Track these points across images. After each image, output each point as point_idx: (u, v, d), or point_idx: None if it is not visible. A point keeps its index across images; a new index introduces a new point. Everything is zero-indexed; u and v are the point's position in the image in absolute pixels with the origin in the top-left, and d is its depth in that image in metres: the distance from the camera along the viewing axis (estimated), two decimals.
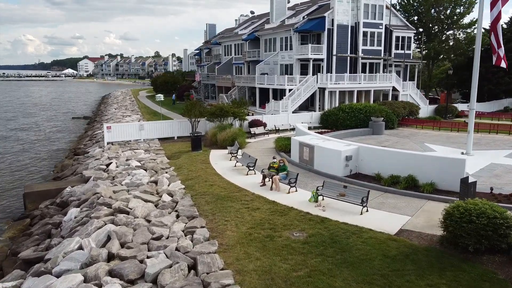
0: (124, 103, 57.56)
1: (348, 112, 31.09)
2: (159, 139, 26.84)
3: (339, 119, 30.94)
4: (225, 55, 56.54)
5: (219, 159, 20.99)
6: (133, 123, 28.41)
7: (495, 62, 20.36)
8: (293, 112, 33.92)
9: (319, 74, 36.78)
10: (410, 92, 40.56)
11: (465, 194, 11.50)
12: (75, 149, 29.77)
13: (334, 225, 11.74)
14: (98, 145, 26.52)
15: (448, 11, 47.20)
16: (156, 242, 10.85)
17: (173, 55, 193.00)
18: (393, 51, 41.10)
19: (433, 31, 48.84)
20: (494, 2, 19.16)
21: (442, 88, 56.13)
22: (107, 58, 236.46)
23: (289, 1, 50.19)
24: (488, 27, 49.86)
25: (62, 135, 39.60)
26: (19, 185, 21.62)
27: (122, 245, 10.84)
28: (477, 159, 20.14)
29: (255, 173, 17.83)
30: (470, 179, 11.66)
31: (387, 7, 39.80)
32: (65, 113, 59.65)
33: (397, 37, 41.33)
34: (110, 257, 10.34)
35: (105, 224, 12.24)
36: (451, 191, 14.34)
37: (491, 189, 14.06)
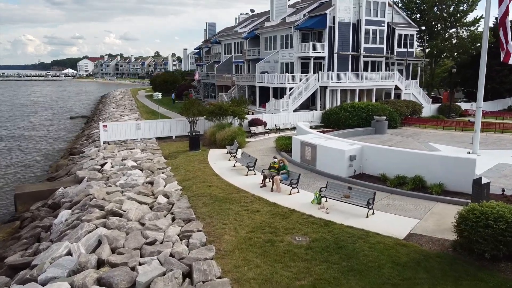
0: (122, 103, 56.89)
1: (350, 111, 30.46)
2: (157, 139, 26.20)
3: (341, 118, 30.30)
4: (224, 54, 55.85)
5: (218, 159, 20.32)
6: (129, 122, 27.75)
7: (503, 58, 19.65)
8: (294, 111, 33.25)
9: (320, 72, 36.10)
10: (412, 91, 39.86)
11: (478, 196, 10.83)
12: (71, 149, 29.12)
13: (338, 229, 11.07)
14: (94, 145, 25.87)
15: (451, 8, 46.47)
16: (149, 247, 10.18)
17: (173, 55, 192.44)
18: (396, 49, 40.34)
19: (436, 29, 48.09)
20: None
21: (444, 87, 55.42)
22: (106, 58, 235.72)
23: None
24: (492, 24, 49.27)
25: (59, 135, 38.96)
26: (11, 185, 20.95)
27: (113, 251, 10.18)
28: (484, 159, 19.43)
29: (255, 174, 17.16)
30: (483, 180, 10.98)
31: (389, 4, 39.09)
32: (63, 113, 58.99)
33: (400, 35, 40.60)
34: (100, 264, 9.67)
35: (96, 227, 11.58)
36: (461, 193, 13.68)
37: (503, 190, 13.38)
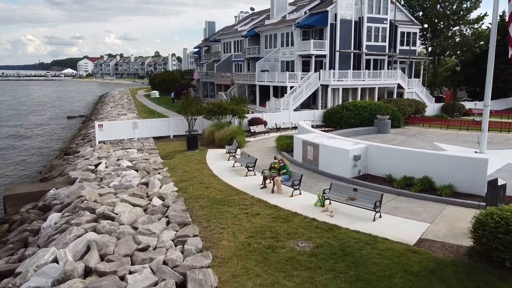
0: (120, 102, 56.20)
1: (352, 110, 29.77)
2: (154, 138, 25.50)
3: (343, 117, 29.62)
4: (224, 53, 55.13)
5: (216, 159, 19.61)
6: (126, 121, 27.04)
7: (511, 55, 19.00)
8: (295, 110, 32.54)
9: (321, 70, 35.35)
10: (415, 89, 39.16)
11: (494, 198, 10.12)
12: (66, 149, 28.42)
13: (344, 234, 10.36)
14: (89, 145, 25.17)
15: (454, 6, 45.73)
16: (141, 254, 9.47)
17: (173, 55, 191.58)
18: (398, 47, 39.65)
19: (439, 27, 47.37)
20: None
21: (447, 86, 54.71)
22: (106, 58, 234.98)
23: None
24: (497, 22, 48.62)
25: (55, 134, 38.25)
26: (2, 187, 20.23)
27: (102, 258, 9.48)
28: (492, 159, 18.60)
29: (255, 174, 16.44)
30: (499, 182, 10.27)
31: (391, 1, 38.34)
32: (61, 112, 58.28)
33: (402, 33, 39.90)
34: (87, 272, 8.97)
35: (86, 232, 10.88)
36: (472, 194, 12.99)
37: None
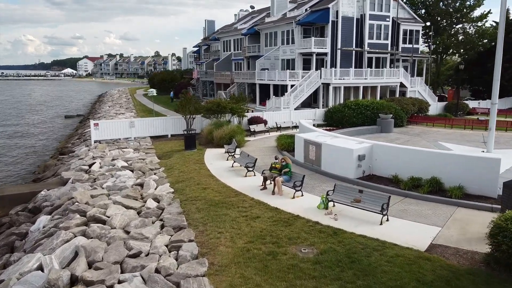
0: (119, 101, 55.57)
1: (354, 108, 29.09)
2: (152, 137, 24.84)
3: (345, 116, 28.94)
4: (224, 51, 54.46)
5: (215, 159, 18.94)
6: (123, 120, 26.36)
7: None
8: (295, 109, 31.88)
9: (322, 69, 34.68)
10: (418, 88, 38.47)
11: (510, 201, 9.46)
12: (62, 148, 27.77)
13: (350, 239, 9.69)
14: (85, 144, 24.52)
15: (457, 3, 45.01)
16: (132, 260, 8.81)
17: (173, 54, 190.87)
18: (401, 45, 38.99)
19: (442, 25, 46.67)
20: None
21: (450, 84, 54.00)
22: (106, 57, 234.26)
23: None
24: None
25: (51, 134, 37.59)
26: None
27: (90, 265, 8.82)
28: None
29: (254, 175, 15.77)
30: None
31: None
32: (58, 112, 57.61)
33: (405, 31, 39.23)
34: (73, 281, 8.31)
35: (75, 236, 10.22)
36: (483, 196, 12.30)
37: None
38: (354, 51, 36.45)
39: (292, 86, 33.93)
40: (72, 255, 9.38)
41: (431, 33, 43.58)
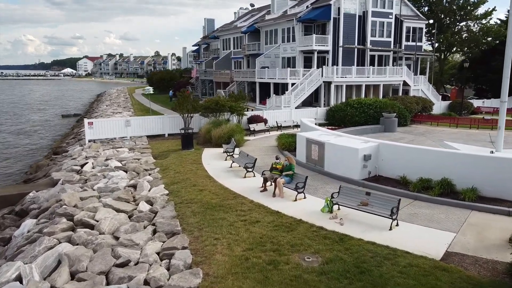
0: (117, 100, 54.80)
1: (356, 107, 28.32)
2: (148, 137, 24.08)
3: (347, 115, 28.17)
4: (223, 50, 53.66)
5: (213, 159, 18.15)
6: (118, 118, 25.57)
7: None
8: (296, 108, 31.11)
9: (324, 67, 33.91)
10: (421, 87, 37.66)
11: None
12: (56, 148, 26.98)
13: (357, 246, 8.90)
14: (79, 144, 23.76)
15: (461, 1, 44.20)
16: (119, 270, 8.02)
17: (173, 54, 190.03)
18: (404, 42, 38.18)
19: (445, 23, 45.86)
20: None
21: (454, 83, 53.17)
22: (105, 57, 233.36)
23: None
24: (504, 17, 47.10)
25: (47, 133, 36.83)
26: None
27: (73, 275, 8.04)
28: None
29: (254, 176, 14.98)
30: None
31: None
32: (55, 111, 56.82)
33: (408, 28, 38.42)
34: None
35: (59, 243, 9.43)
36: (499, 199, 11.53)
37: None
38: (356, 49, 35.65)
39: (293, 84, 33.16)
40: (55, 264, 8.61)
41: (434, 31, 42.75)
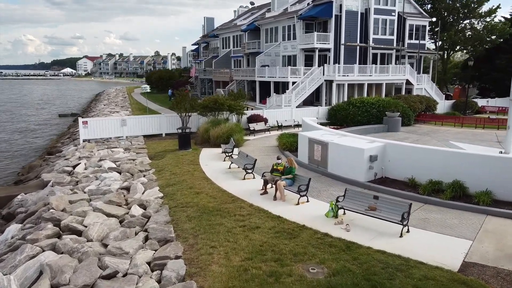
0: (115, 100, 54.07)
1: (359, 106, 27.58)
2: (145, 137, 23.36)
3: (349, 115, 27.44)
4: (223, 48, 52.93)
5: (211, 160, 17.42)
6: (114, 117, 24.83)
7: None
8: (297, 107, 30.37)
9: (325, 65, 33.18)
10: (425, 86, 36.95)
11: None
12: (50, 148, 26.26)
13: (366, 255, 8.18)
14: (73, 144, 23.04)
15: None
16: (105, 283, 7.30)
17: (173, 54, 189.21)
18: (406, 40, 37.43)
19: (448, 21, 45.08)
20: None
21: (458, 82, 52.38)
22: (105, 57, 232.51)
23: None
24: (509, 15, 46.34)
25: (42, 133, 36.07)
26: None
27: None
28: None
29: (254, 177, 14.25)
30: None
31: None
32: (52, 110, 56.08)
33: (411, 26, 37.67)
34: None
35: (42, 251, 8.71)
36: None
37: None
38: (358, 47, 34.91)
39: (293, 83, 32.44)
40: (36, 275, 7.89)
41: (437, 29, 41.98)
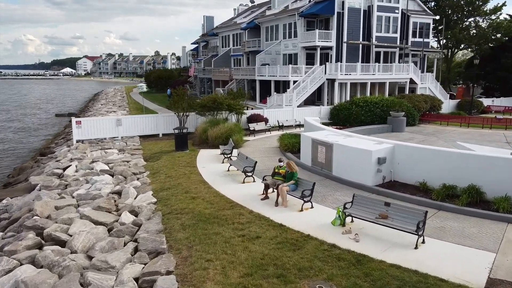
0: (113, 99, 53.30)
1: (362, 106, 26.75)
2: (141, 137, 22.54)
3: (352, 114, 26.61)
4: (222, 47, 52.07)
5: (209, 161, 16.57)
6: (108, 117, 24.00)
7: None
8: (298, 106, 29.53)
9: (327, 63, 32.33)
10: (429, 85, 36.11)
11: None
12: (44, 149, 25.44)
13: (379, 270, 7.34)
14: (67, 144, 22.23)
15: None
16: None
17: (173, 54, 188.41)
18: (410, 38, 36.59)
19: (452, 19, 44.23)
20: None
21: (461, 81, 51.55)
22: (104, 56, 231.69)
23: None
24: None
25: (37, 133, 35.22)
26: None
27: None
28: None
29: (254, 181, 13.41)
30: None
31: None
32: (49, 110, 55.23)
33: (415, 24, 36.82)
34: None
35: (20, 265, 7.88)
36: None
37: None
38: (361, 45, 34.08)
39: (294, 82, 31.61)
40: None
41: (441, 27, 41.14)
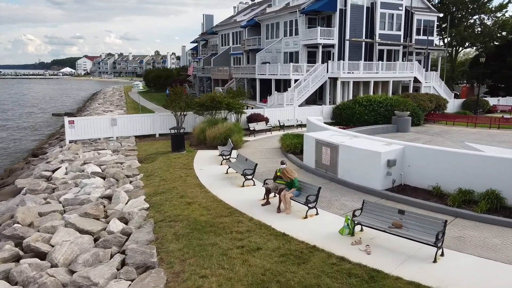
0: (111, 99, 52.52)
1: (366, 105, 25.94)
2: (137, 137, 21.69)
3: (355, 114, 25.80)
4: (222, 46, 51.22)
5: (206, 163, 15.71)
6: (103, 117, 23.13)
7: None
8: (299, 106, 28.70)
9: (329, 62, 31.44)
10: (433, 84, 35.26)
11: None
12: (36, 149, 24.60)
13: None
14: (60, 145, 21.39)
15: None
16: None
17: (173, 53, 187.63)
18: (414, 36, 35.74)
19: (457, 16, 43.41)
20: None
21: (465, 81, 50.72)
22: (104, 56, 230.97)
23: None
24: None
25: (32, 133, 34.38)
26: None
27: None
28: None
29: (254, 184, 12.56)
30: None
31: None
32: (47, 110, 54.39)
33: (419, 21, 35.95)
34: None
35: None
36: None
37: None
38: (364, 43, 33.21)
39: (296, 81, 30.77)
40: None
41: (446, 25, 40.28)
